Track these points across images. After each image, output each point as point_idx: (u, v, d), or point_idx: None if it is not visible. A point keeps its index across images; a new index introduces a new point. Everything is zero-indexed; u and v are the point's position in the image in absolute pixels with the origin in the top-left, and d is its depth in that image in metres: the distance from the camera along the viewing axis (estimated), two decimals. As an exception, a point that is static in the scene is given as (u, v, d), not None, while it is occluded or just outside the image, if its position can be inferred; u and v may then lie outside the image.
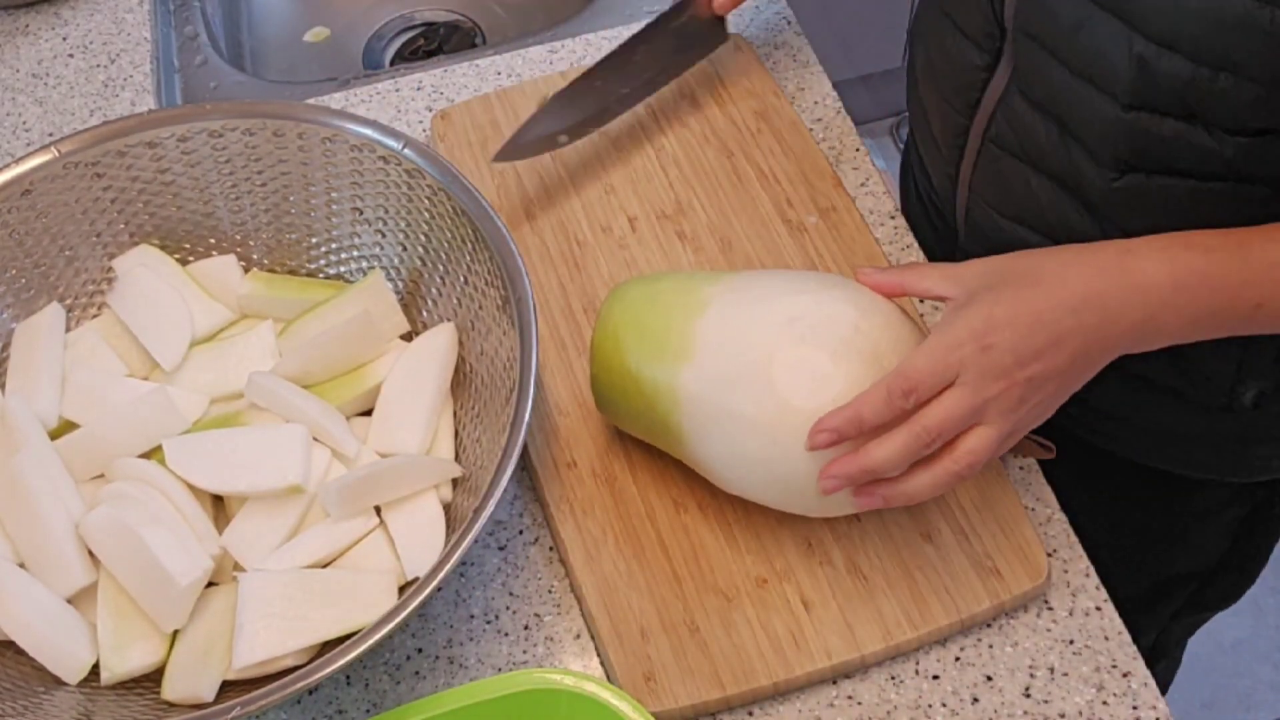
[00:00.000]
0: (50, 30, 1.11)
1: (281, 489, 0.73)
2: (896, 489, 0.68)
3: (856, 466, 0.66)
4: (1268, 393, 0.83)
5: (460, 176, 0.79)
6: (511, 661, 0.75)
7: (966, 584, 0.74)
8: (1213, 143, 0.69)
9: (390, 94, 1.03)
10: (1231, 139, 0.68)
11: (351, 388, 0.79)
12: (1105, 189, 0.74)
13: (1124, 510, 0.96)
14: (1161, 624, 1.09)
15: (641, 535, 0.77)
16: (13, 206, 0.81)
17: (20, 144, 1.02)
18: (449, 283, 0.82)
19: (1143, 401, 0.86)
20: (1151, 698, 0.72)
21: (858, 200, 0.93)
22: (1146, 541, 0.99)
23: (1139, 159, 0.72)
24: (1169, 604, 1.06)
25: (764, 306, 0.71)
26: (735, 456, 0.71)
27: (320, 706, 0.74)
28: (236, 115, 0.83)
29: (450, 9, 1.33)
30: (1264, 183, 0.70)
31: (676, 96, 0.98)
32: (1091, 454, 0.91)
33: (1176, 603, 1.06)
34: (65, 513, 0.72)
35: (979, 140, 0.82)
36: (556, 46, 1.05)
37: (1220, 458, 0.89)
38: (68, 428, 0.77)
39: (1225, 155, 0.69)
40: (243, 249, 0.87)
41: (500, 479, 0.67)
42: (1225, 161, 0.69)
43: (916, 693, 0.72)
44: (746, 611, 0.74)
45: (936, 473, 0.67)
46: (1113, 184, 0.73)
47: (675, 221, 0.91)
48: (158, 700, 0.69)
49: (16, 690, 0.69)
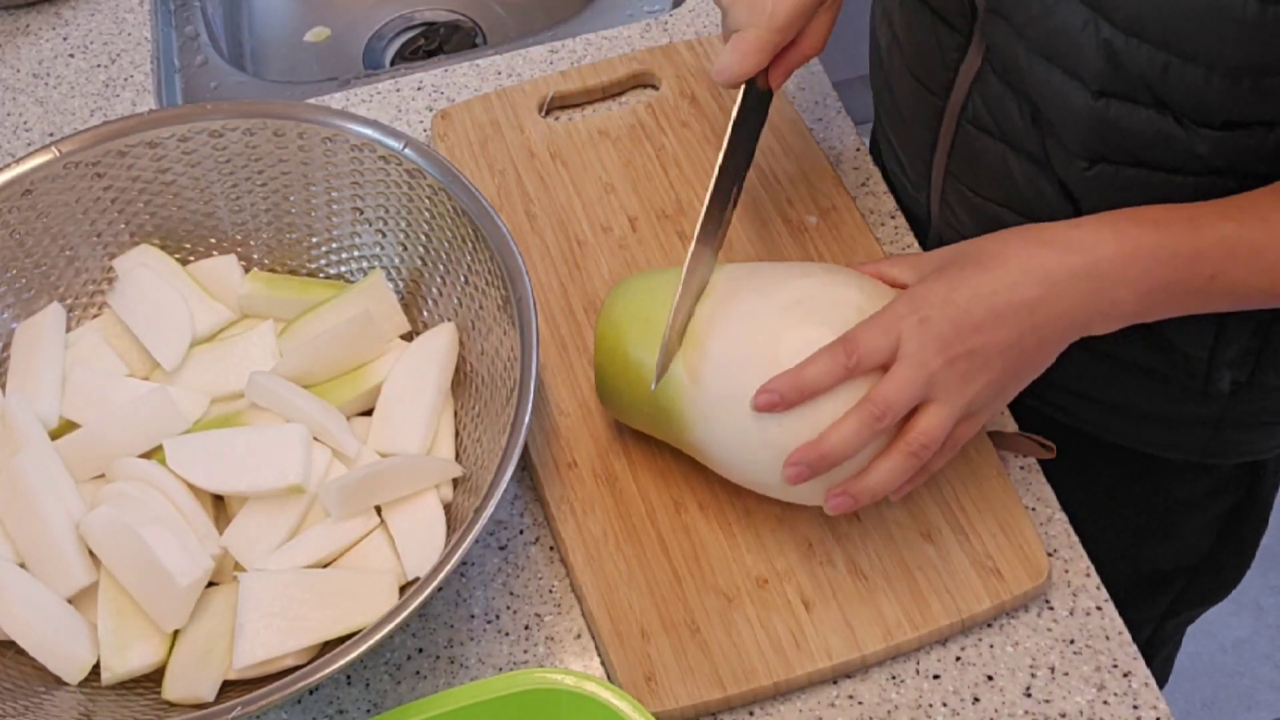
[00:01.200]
0: (51, 30, 1.11)
1: (282, 489, 0.73)
2: (861, 484, 0.68)
3: (815, 452, 0.67)
4: (1242, 380, 0.83)
5: (460, 176, 0.79)
6: (512, 661, 0.75)
7: (967, 584, 0.74)
8: (1184, 135, 0.68)
9: (390, 94, 1.03)
10: (1203, 131, 0.68)
11: (352, 388, 0.79)
12: (1078, 178, 0.74)
13: (1109, 502, 0.96)
14: (1153, 623, 1.09)
15: (642, 535, 0.77)
16: (13, 206, 0.81)
17: (21, 144, 1.02)
18: (449, 282, 0.82)
19: (1120, 383, 0.86)
20: (1152, 698, 0.72)
21: (858, 200, 0.93)
22: (1133, 536, 0.99)
23: (1109, 149, 0.72)
24: (1158, 601, 1.06)
25: (769, 290, 0.72)
26: (740, 440, 0.70)
27: (321, 706, 0.74)
28: (237, 115, 0.83)
29: (450, 9, 1.33)
30: (1236, 176, 0.70)
31: (676, 96, 0.98)
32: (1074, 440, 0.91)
33: (1166, 600, 1.06)
34: (65, 513, 0.72)
35: (954, 121, 0.81)
36: (556, 46, 1.05)
37: (1195, 440, 0.89)
38: (68, 428, 0.77)
39: (1197, 150, 0.69)
40: (243, 249, 0.87)
41: (501, 479, 0.67)
42: (1197, 156, 0.69)
43: (917, 692, 0.72)
44: (747, 611, 0.74)
45: (894, 458, 0.67)
46: (1084, 173, 0.73)
47: (675, 221, 0.91)
48: (158, 700, 0.69)
49: (17, 690, 0.69)
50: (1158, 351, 0.82)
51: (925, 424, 0.66)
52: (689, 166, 0.94)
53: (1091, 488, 0.94)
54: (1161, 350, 0.82)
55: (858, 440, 0.66)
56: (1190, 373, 0.83)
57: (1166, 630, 1.12)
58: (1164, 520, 0.99)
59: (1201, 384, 0.83)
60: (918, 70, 0.83)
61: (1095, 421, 0.91)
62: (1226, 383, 0.83)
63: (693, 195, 0.92)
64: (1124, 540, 0.98)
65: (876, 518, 0.77)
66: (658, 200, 0.92)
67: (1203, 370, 0.82)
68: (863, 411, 0.66)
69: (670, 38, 1.05)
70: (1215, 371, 0.82)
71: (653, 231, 0.91)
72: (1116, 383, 0.86)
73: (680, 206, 0.92)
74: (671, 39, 1.04)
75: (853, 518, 0.77)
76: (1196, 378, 0.83)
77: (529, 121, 0.97)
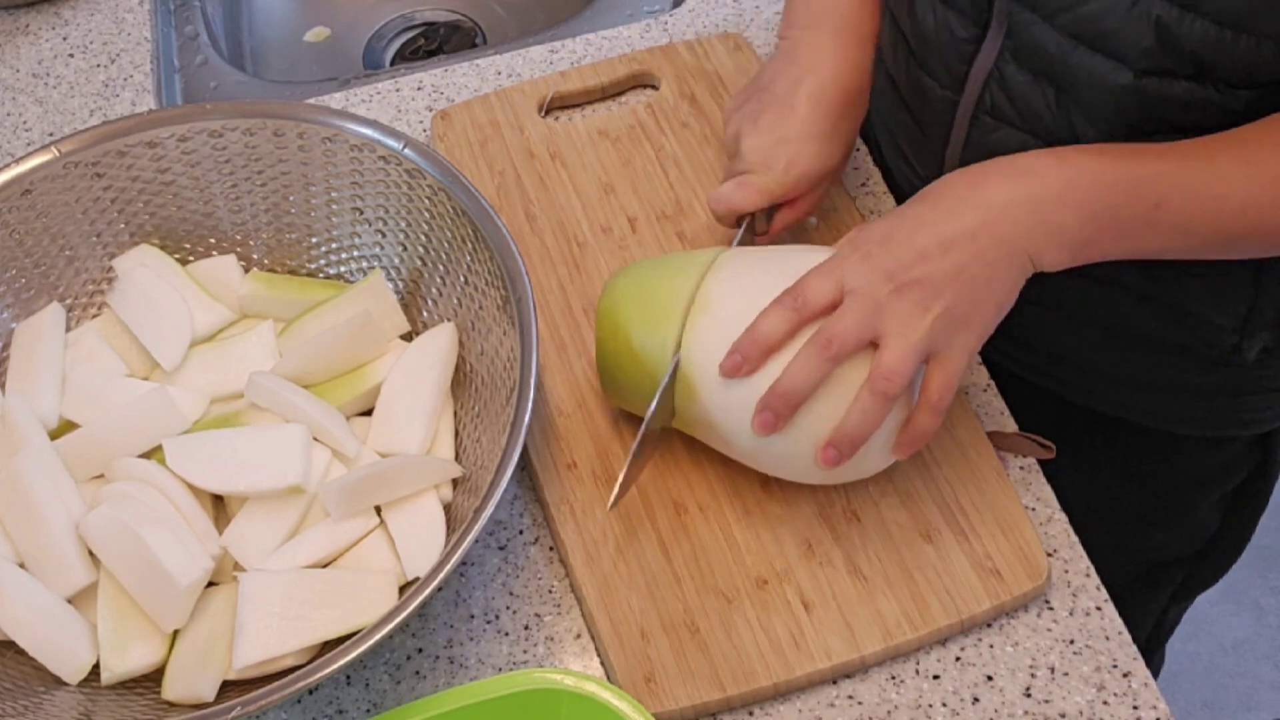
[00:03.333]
0: (50, 30, 1.11)
1: (281, 489, 0.73)
2: (840, 432, 0.68)
3: (775, 394, 0.68)
4: (1270, 346, 0.82)
5: (460, 176, 0.79)
6: (512, 661, 0.75)
7: (966, 584, 0.74)
8: (1220, 98, 0.68)
9: (390, 94, 1.03)
10: (1239, 93, 0.68)
11: (352, 388, 0.80)
12: None
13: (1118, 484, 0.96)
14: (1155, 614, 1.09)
15: (641, 536, 0.77)
16: (13, 206, 0.81)
17: (20, 144, 1.02)
18: (449, 283, 0.82)
19: (1137, 357, 0.86)
20: (1152, 698, 0.72)
21: (858, 200, 0.93)
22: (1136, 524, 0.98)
23: (1143, 120, 0.71)
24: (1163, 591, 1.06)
25: (777, 259, 0.74)
26: (747, 404, 0.70)
27: (320, 706, 0.74)
28: (236, 115, 0.83)
29: (450, 9, 1.33)
30: None
31: (676, 97, 0.98)
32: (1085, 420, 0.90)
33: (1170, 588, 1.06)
34: (65, 513, 0.72)
35: (969, 114, 0.80)
36: (556, 46, 1.05)
37: (1213, 411, 0.89)
38: (68, 428, 0.77)
39: (1232, 108, 0.68)
40: (243, 249, 0.87)
41: (500, 479, 0.67)
42: (1231, 113, 0.69)
43: (917, 693, 0.73)
44: (746, 612, 0.74)
45: (863, 399, 0.68)
46: None
47: (675, 221, 0.91)
48: (158, 700, 0.69)
49: (17, 690, 0.69)
50: (1179, 323, 0.82)
51: (886, 359, 0.67)
52: (689, 167, 0.94)
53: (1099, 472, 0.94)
54: (1183, 321, 0.81)
55: (810, 371, 0.67)
56: (1213, 342, 0.82)
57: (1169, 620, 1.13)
58: (1172, 501, 0.98)
59: (1227, 353, 0.82)
60: (930, 65, 0.82)
61: (1110, 397, 0.90)
62: (1256, 350, 0.82)
63: (692, 196, 0.92)
64: (1127, 530, 0.98)
65: (876, 518, 0.77)
66: (657, 201, 0.92)
67: (1230, 339, 0.82)
68: (812, 344, 0.67)
69: (670, 38, 1.05)
70: (1246, 340, 0.81)
71: (652, 232, 0.91)
72: (1133, 357, 0.86)
73: (680, 207, 0.92)
74: (671, 39, 1.04)
75: (852, 518, 0.77)
76: (1220, 347, 0.82)
77: (529, 122, 0.97)
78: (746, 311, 0.70)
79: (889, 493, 0.77)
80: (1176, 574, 1.05)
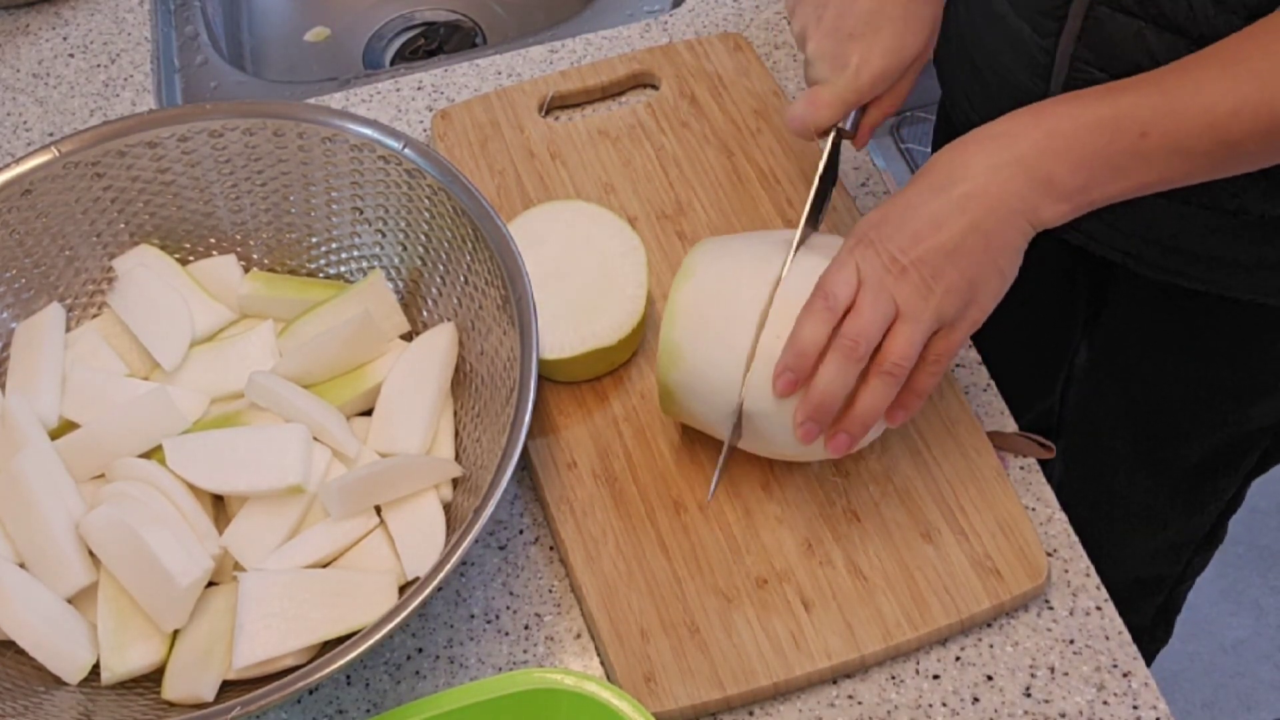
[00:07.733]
0: (50, 30, 1.11)
1: (282, 489, 0.73)
2: (849, 417, 0.69)
3: (810, 402, 0.69)
4: None
5: (460, 176, 0.79)
6: (512, 661, 0.75)
7: (966, 584, 0.74)
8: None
9: (390, 94, 1.03)
10: None
11: (352, 388, 0.80)
12: None
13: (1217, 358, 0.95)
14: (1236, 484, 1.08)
15: (641, 535, 0.77)
16: (13, 206, 0.81)
17: (20, 144, 1.02)
18: (449, 282, 0.82)
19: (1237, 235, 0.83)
20: (1152, 698, 0.72)
21: (858, 200, 0.93)
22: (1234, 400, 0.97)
23: None
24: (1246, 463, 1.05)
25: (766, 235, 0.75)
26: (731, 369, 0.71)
27: (320, 706, 0.74)
28: (236, 115, 0.83)
29: (450, 9, 1.33)
30: None
31: (676, 96, 0.98)
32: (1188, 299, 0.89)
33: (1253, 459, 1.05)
34: (65, 513, 0.72)
35: (1083, 6, 0.77)
36: (556, 46, 1.05)
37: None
38: (68, 428, 0.77)
39: None
40: (243, 249, 0.87)
41: (500, 479, 0.67)
42: None
43: (917, 692, 0.73)
44: (746, 612, 0.74)
45: (872, 383, 0.68)
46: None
47: (675, 221, 0.91)
48: (158, 700, 0.70)
49: (16, 690, 0.69)
50: None
51: (893, 344, 0.67)
52: (689, 166, 0.94)
53: (1200, 349, 0.94)
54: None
55: (841, 377, 0.68)
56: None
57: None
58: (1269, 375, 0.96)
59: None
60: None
61: (1204, 277, 0.88)
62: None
63: (692, 195, 0.92)
64: (1226, 405, 0.97)
65: (876, 518, 0.77)
66: (657, 200, 0.92)
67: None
68: (838, 346, 0.68)
69: (670, 38, 1.05)
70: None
71: (652, 232, 0.91)
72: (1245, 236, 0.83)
73: (680, 206, 0.92)
74: (671, 39, 1.04)
75: (852, 518, 0.77)
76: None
77: (529, 121, 0.97)
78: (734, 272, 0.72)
79: (889, 493, 0.78)
80: (1262, 440, 1.03)
